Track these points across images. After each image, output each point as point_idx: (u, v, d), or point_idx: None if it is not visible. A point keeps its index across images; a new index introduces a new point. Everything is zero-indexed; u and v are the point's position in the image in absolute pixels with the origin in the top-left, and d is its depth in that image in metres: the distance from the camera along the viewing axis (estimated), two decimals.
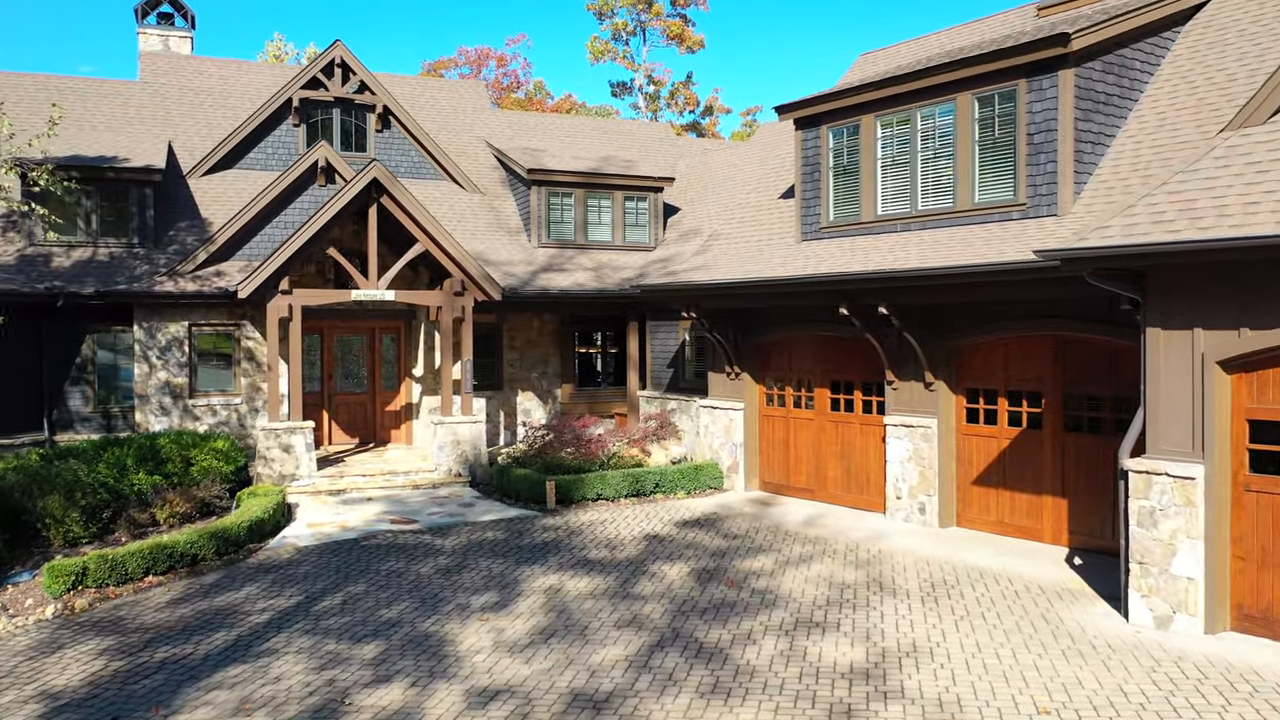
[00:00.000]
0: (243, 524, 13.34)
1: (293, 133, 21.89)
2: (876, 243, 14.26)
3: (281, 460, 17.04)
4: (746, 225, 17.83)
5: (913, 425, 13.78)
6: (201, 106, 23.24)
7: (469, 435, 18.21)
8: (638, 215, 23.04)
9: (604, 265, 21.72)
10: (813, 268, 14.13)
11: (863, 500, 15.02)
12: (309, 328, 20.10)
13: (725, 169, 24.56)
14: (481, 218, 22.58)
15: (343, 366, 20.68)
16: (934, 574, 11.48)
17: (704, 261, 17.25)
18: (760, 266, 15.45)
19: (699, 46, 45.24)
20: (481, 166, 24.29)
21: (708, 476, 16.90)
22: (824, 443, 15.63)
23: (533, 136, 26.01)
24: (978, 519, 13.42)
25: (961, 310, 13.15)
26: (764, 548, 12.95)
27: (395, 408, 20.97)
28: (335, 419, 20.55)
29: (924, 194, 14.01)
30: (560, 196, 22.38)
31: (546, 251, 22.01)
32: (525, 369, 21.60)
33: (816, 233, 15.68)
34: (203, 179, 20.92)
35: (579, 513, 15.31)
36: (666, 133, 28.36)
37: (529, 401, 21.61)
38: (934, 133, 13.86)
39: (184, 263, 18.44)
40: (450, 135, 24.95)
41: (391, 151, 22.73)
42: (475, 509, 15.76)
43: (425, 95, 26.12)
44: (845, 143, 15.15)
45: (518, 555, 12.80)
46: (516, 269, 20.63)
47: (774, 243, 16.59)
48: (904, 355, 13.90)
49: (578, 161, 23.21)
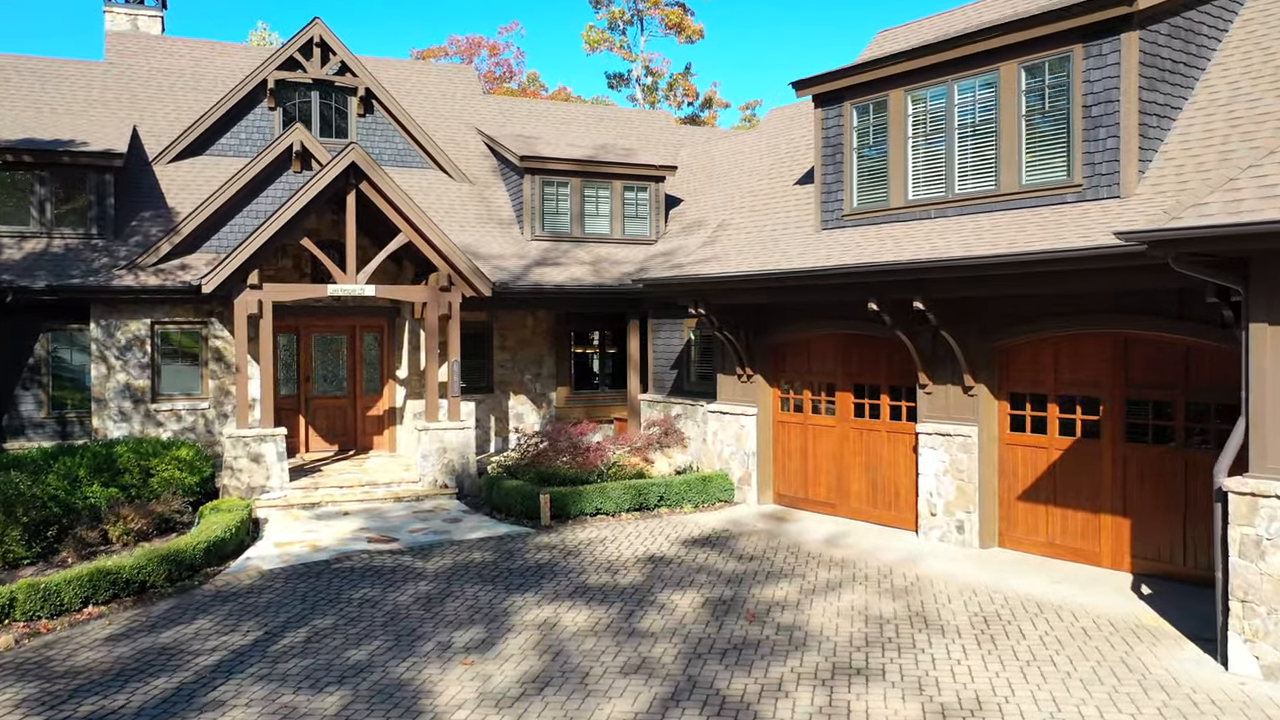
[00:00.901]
0: (199, 545, 11.87)
1: (268, 117, 20.40)
2: (908, 230, 12.82)
3: (250, 471, 15.55)
4: (758, 214, 16.38)
5: (949, 434, 12.35)
6: (171, 89, 21.72)
7: (456, 443, 16.74)
8: (638, 206, 21.58)
9: (602, 259, 20.26)
10: (836, 258, 12.69)
11: (891, 516, 13.58)
12: (284, 326, 18.62)
13: (730, 158, 23.12)
14: (471, 209, 21.11)
15: (321, 368, 19.20)
16: (984, 605, 10.04)
17: (712, 253, 15.80)
18: (776, 258, 14.01)
19: (698, 36, 43.70)
20: (471, 155, 22.81)
21: (717, 489, 15.46)
22: (846, 452, 14.19)
23: (526, 124, 24.53)
24: (1024, 539, 11.99)
25: (1007, 306, 11.72)
26: (785, 572, 11.51)
27: (378, 412, 19.50)
28: (312, 425, 19.06)
29: (962, 176, 12.57)
30: (555, 186, 20.91)
31: (540, 245, 20.54)
32: (517, 371, 20.13)
33: (839, 221, 14.24)
34: (170, 166, 19.42)
35: (576, 529, 13.86)
36: (667, 121, 26.88)
37: (522, 405, 20.14)
38: (973, 107, 12.42)
39: (145, 255, 16.94)
40: (438, 122, 23.46)
41: (375, 138, 21.25)
42: (462, 525, 14.29)
43: (412, 80, 24.60)
44: (871, 121, 13.71)
45: (508, 580, 11.35)
46: (508, 263, 19.16)
47: (790, 232, 15.15)
48: (940, 356, 12.47)
49: (574, 149, 21.75)
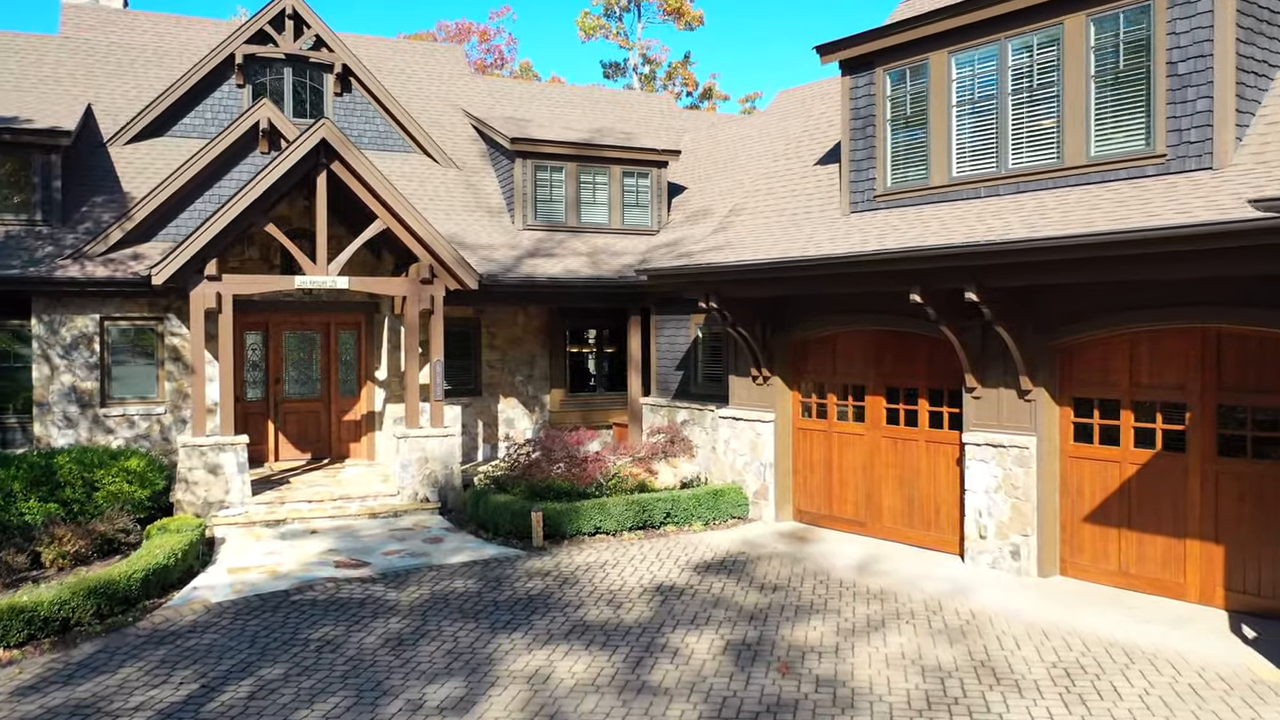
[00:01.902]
0: (135, 574, 10.20)
1: (236, 95, 18.71)
2: (953, 212, 11.20)
3: (207, 484, 13.88)
4: (775, 197, 14.75)
5: (1002, 445, 10.73)
6: (132, 65, 20.01)
7: (439, 452, 15.08)
8: (638, 194, 19.94)
9: (600, 250, 18.61)
10: (873, 243, 11.06)
11: (931, 538, 11.95)
12: (252, 323, 16.95)
13: (737, 143, 21.49)
14: (457, 196, 19.44)
15: (293, 369, 17.52)
16: (1060, 652, 8.42)
17: (724, 241, 14.17)
18: (799, 245, 12.38)
19: (698, 23, 41.99)
20: (458, 138, 21.14)
21: (729, 504, 13.82)
22: (878, 464, 12.56)
23: (518, 106, 22.87)
24: (1090, 567, 10.37)
25: (1073, 297, 10.10)
26: (815, 606, 9.89)
27: (354, 417, 17.82)
28: (283, 431, 17.38)
29: (1016, 149, 10.95)
30: (549, 171, 19.26)
31: (533, 234, 18.89)
32: (508, 372, 18.47)
33: (870, 202, 12.61)
34: (127, 148, 17.73)
35: (573, 551, 12.23)
36: (668, 105, 25.23)
37: (512, 410, 18.48)
38: (1031, 69, 10.81)
39: (94, 243, 15.24)
40: (422, 103, 21.78)
41: (353, 119, 19.58)
42: (443, 546, 12.64)
43: (394, 59, 22.91)
44: (908, 88, 12.08)
45: (494, 616, 9.71)
46: (498, 254, 17.50)
47: (813, 217, 13.51)
48: (991, 355, 10.86)
49: (569, 132, 20.09)
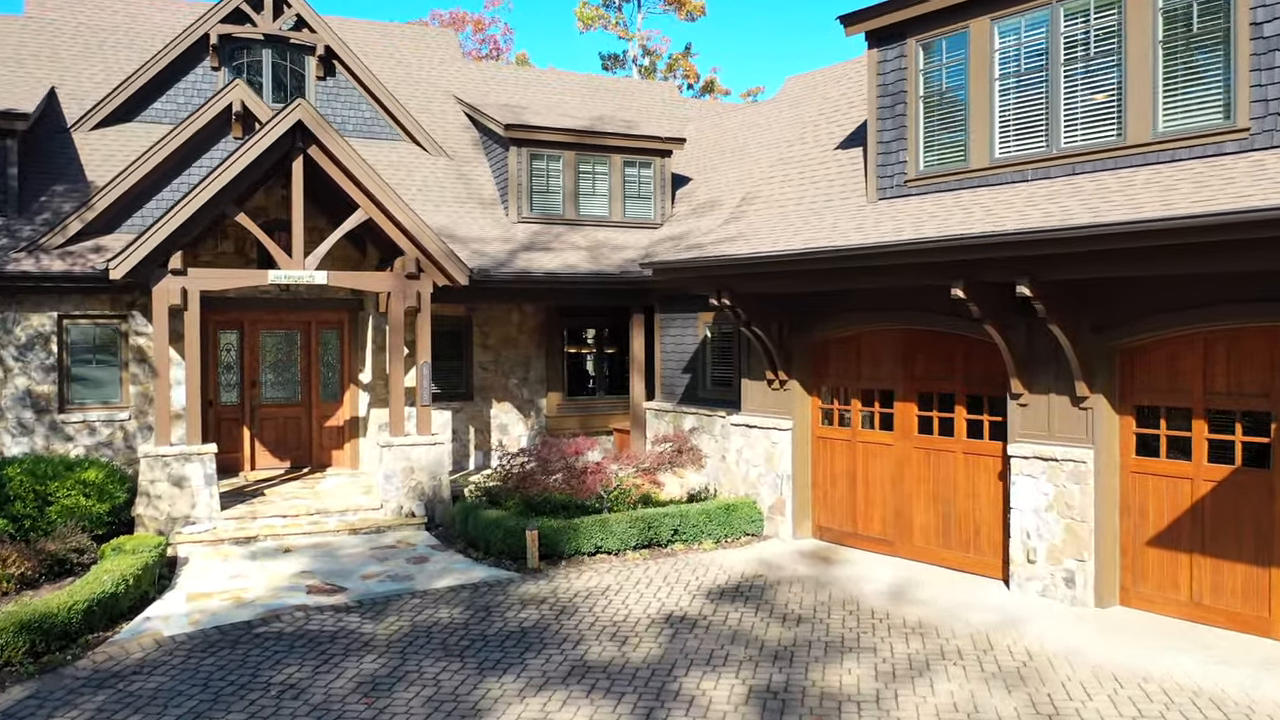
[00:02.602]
0: (78, 605, 9.01)
1: (211, 78, 17.50)
2: (996, 197, 10.02)
3: (171, 498, 12.68)
4: (792, 185, 13.56)
5: (1054, 458, 9.55)
6: (101, 47, 18.80)
7: (426, 461, 13.89)
8: (640, 184, 18.76)
9: (600, 245, 17.42)
10: (908, 232, 9.88)
11: (969, 560, 10.77)
12: (226, 321, 15.76)
13: (745, 131, 20.31)
14: (448, 186, 18.25)
15: (270, 371, 16.32)
16: (1140, 704, 7.24)
17: (737, 231, 12.98)
18: (823, 235, 11.20)
19: (700, 13, 40.75)
20: (449, 126, 19.94)
21: (742, 519, 12.64)
22: (908, 477, 11.38)
23: (513, 93, 21.68)
24: (1156, 597, 9.20)
25: (1140, 292, 8.93)
26: (847, 642, 8.71)
27: (337, 423, 16.63)
28: (260, 438, 16.18)
29: (1070, 126, 9.78)
30: (545, 161, 18.06)
31: (528, 228, 17.70)
32: (501, 374, 17.27)
33: (900, 188, 11.43)
34: (93, 134, 16.51)
35: (571, 575, 11.04)
36: (671, 93, 24.04)
37: (506, 415, 17.29)
38: (1086, 36, 9.63)
39: (51, 235, 14.04)
40: (411, 89, 20.58)
41: (337, 104, 18.38)
42: (429, 567, 11.45)
43: (382, 42, 21.71)
44: (944, 60, 10.90)
45: (482, 655, 8.53)
46: (490, 247, 16.31)
47: (834, 204, 12.33)
48: (1039, 357, 9.68)
49: (567, 119, 18.90)
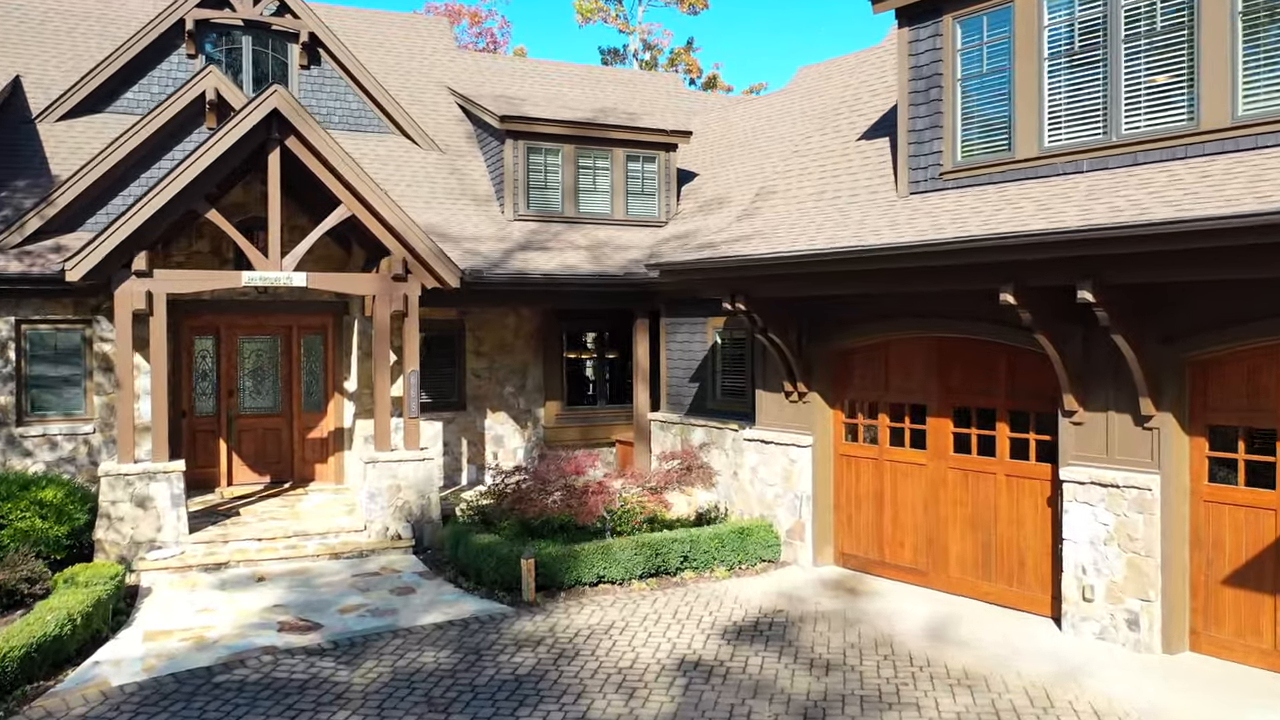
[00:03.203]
0: (13, 652, 7.95)
1: (187, 66, 16.42)
2: (1047, 190, 8.95)
3: (135, 520, 11.61)
4: (811, 178, 12.47)
5: (1114, 484, 8.48)
6: (71, 34, 17.71)
7: (414, 478, 12.82)
8: (644, 180, 17.68)
9: (601, 244, 16.35)
10: (949, 229, 8.81)
11: (1013, 595, 9.70)
12: (201, 326, 14.69)
13: (754, 124, 19.24)
14: (439, 181, 17.17)
15: (249, 378, 15.24)
16: None
17: (752, 229, 11.91)
18: (849, 233, 10.13)
19: (703, 6, 39.66)
20: (442, 118, 18.86)
21: (758, 544, 11.58)
22: (943, 500, 10.31)
23: (509, 84, 20.59)
24: (1234, 644, 8.13)
25: (1214, 297, 7.86)
26: (885, 696, 7.65)
27: (321, 434, 15.55)
28: (238, 450, 15.10)
29: (1132, 110, 8.70)
30: (544, 155, 16.99)
31: (525, 226, 16.62)
32: (496, 382, 16.19)
33: (935, 181, 10.35)
34: (59, 125, 15.43)
35: (572, 609, 9.98)
36: (675, 84, 22.95)
37: (501, 425, 16.20)
38: (1152, 8, 8.56)
39: (8, 233, 12.96)
40: (402, 79, 19.49)
41: (322, 95, 17.31)
42: (415, 600, 10.39)
43: (371, 30, 20.62)
44: (985, 38, 9.83)
45: (471, 709, 7.47)
46: (484, 246, 15.24)
47: (860, 199, 11.24)
48: (1097, 370, 8.61)
49: (566, 110, 17.83)
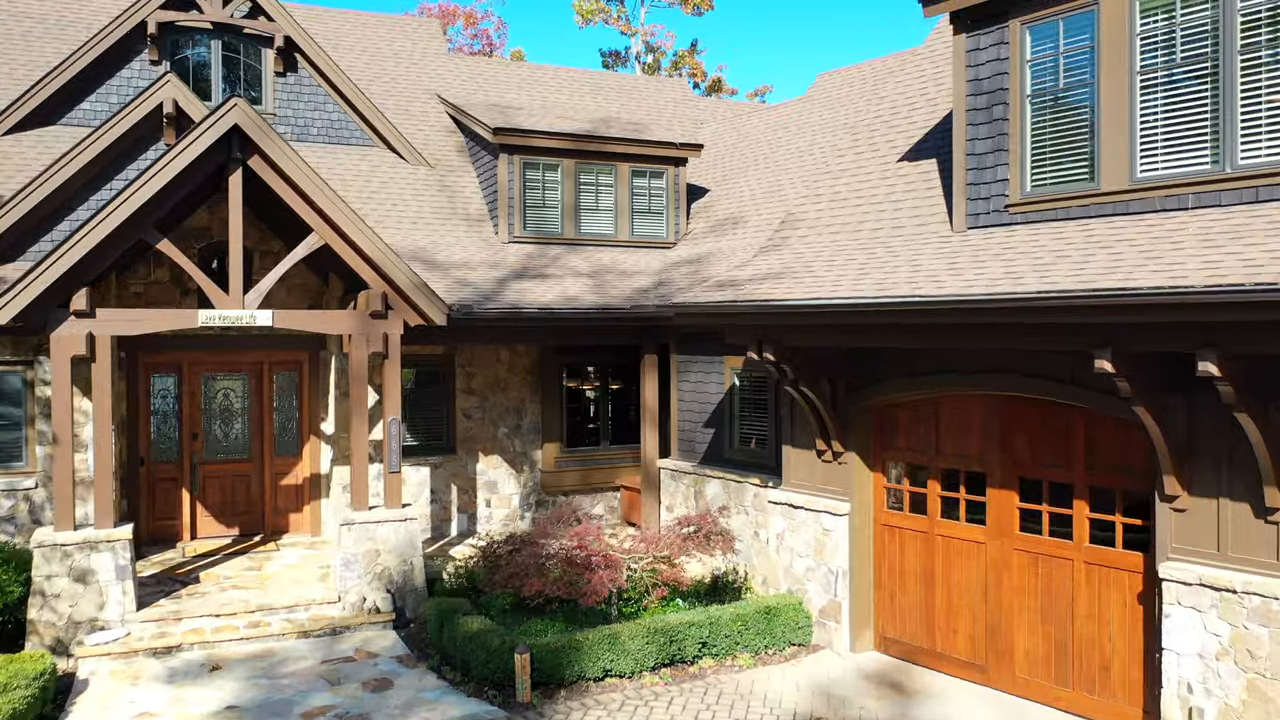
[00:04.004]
0: None
1: (150, 74, 14.94)
2: (1143, 229, 7.48)
3: (74, 597, 10.13)
4: (845, 206, 10.98)
5: (1231, 589, 7.01)
6: (24, 38, 16.21)
7: (395, 541, 11.35)
8: (651, 197, 16.22)
9: (605, 269, 14.89)
10: (1029, 278, 7.32)
11: (1095, 705, 8.21)
12: (161, 364, 13.23)
13: (771, 135, 17.77)
14: (427, 200, 15.70)
15: (215, 421, 13.76)
16: None
17: (780, 265, 10.43)
18: (898, 276, 8.65)
19: (708, 7, 38.13)
20: (431, 129, 17.38)
21: (786, 625, 10.10)
22: (1006, 586, 8.84)
23: (504, 91, 19.11)
24: None
25: None
26: None
27: (295, 481, 14.07)
28: (202, 501, 13.62)
29: (1251, 134, 7.23)
30: (541, 170, 15.52)
31: (521, 249, 15.15)
32: (489, 422, 14.71)
33: (999, 214, 8.85)
34: (6, 139, 13.94)
35: (574, 711, 8.50)
36: (683, 90, 21.45)
37: (495, 470, 14.72)
38: (1276, 11, 7.10)
39: None
40: (387, 86, 18.01)
41: (299, 105, 15.83)
42: (392, 699, 8.90)
43: (354, 33, 19.13)
44: (1062, 47, 8.34)
45: None
46: (475, 275, 13.77)
47: (906, 233, 9.76)
48: (1207, 448, 7.14)
49: (566, 121, 16.36)
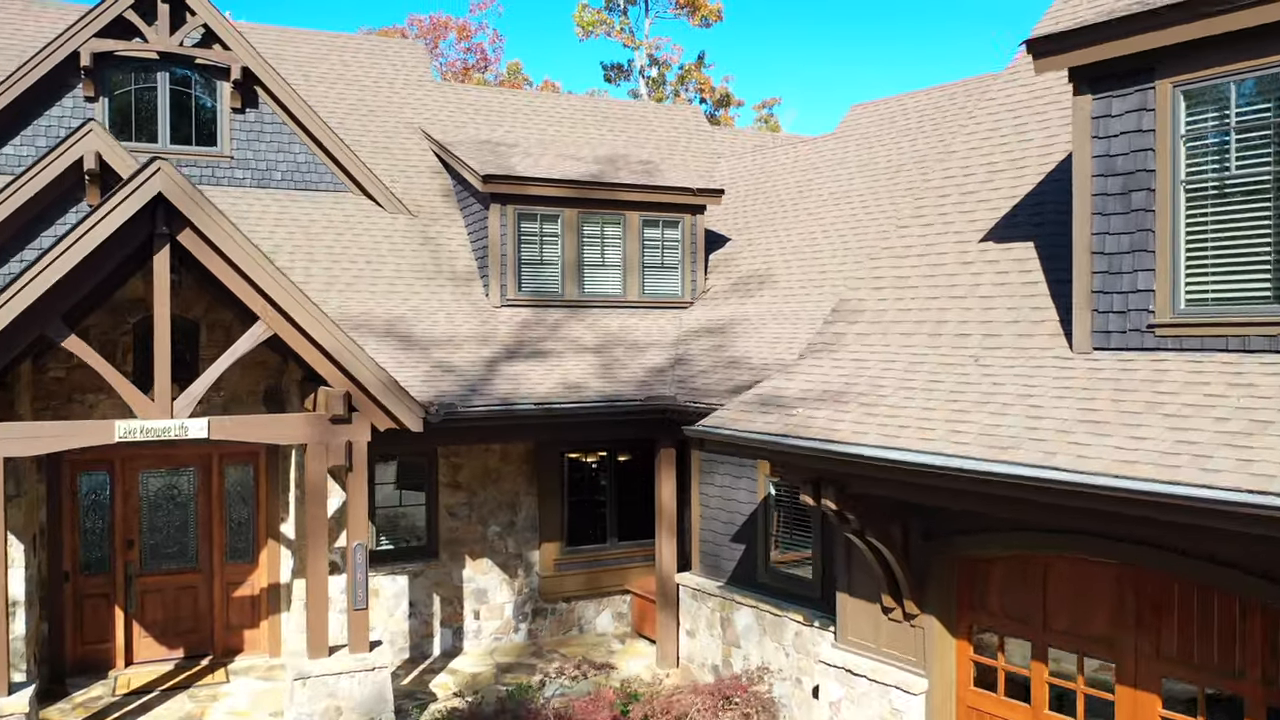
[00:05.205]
0: None
1: (86, 111, 12.86)
2: None
3: None
4: (917, 296, 8.83)
5: None
6: None
7: (360, 697, 9.28)
8: (665, 250, 14.17)
9: (612, 340, 12.83)
10: (1222, 460, 5.24)
11: None
12: (90, 459, 11.17)
13: (800, 176, 15.71)
14: (408, 255, 13.63)
15: (154, 525, 11.68)
16: None
17: (839, 380, 8.32)
18: (1005, 420, 6.57)
19: (716, 18, 35.98)
20: (414, 169, 15.30)
21: None
22: None
23: (497, 124, 17.02)
24: None
25: None
26: None
27: (250, 591, 12.00)
28: (140, 619, 11.54)
29: None
30: (540, 222, 13.46)
31: (516, 314, 13.09)
32: (478, 520, 12.61)
33: (1141, 334, 6.72)
34: None
35: None
36: (696, 119, 19.34)
37: (484, 576, 12.62)
38: None
39: None
40: (365, 119, 15.91)
41: (260, 146, 13.74)
42: None
43: (328, 58, 16.98)
44: (1235, 119, 6.24)
45: None
46: (461, 355, 11.70)
47: (1006, 347, 7.62)
48: None
49: (567, 163, 14.29)
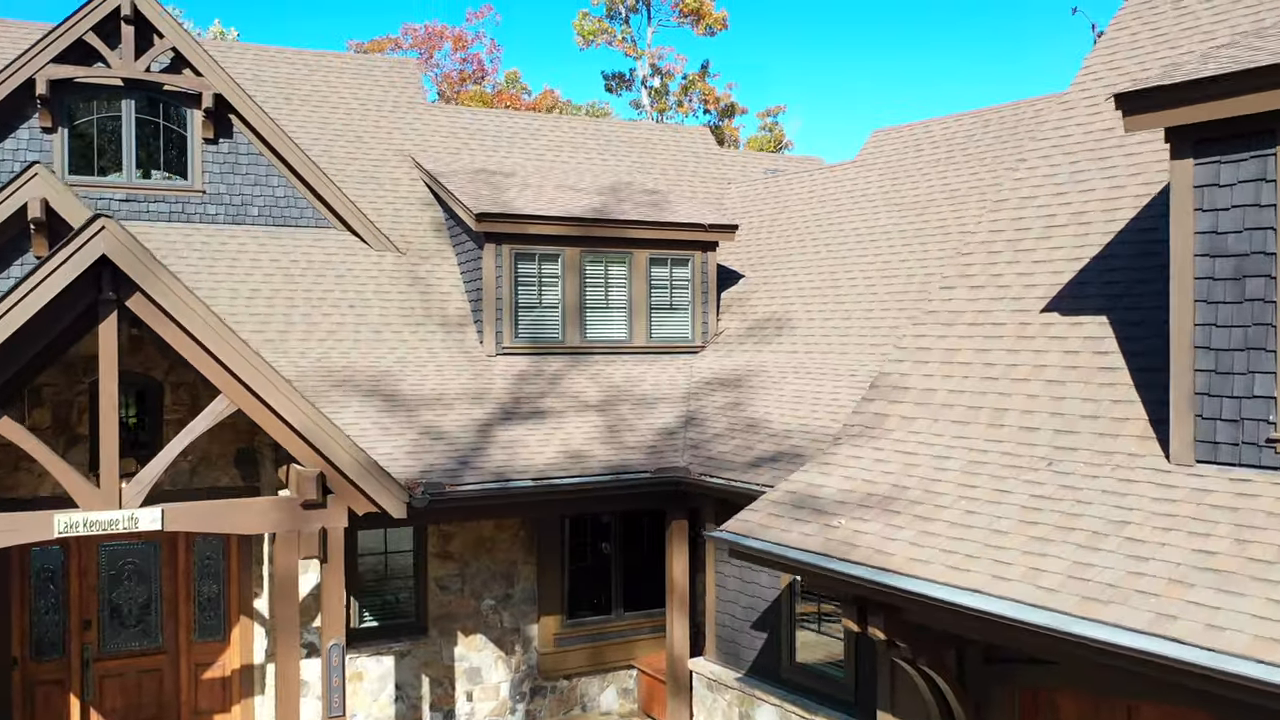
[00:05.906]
0: None
1: (42, 145, 11.80)
2: None
3: None
4: (971, 370, 7.73)
5: None
6: None
7: None
8: (674, 291, 13.10)
9: (618, 395, 11.75)
10: None
11: None
12: None
13: (819, 208, 14.63)
14: (395, 298, 12.55)
15: (114, 604, 10.60)
16: None
17: (885, 480, 7.23)
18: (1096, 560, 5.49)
19: (720, 27, 34.88)
20: (403, 201, 14.21)
21: None
22: None
23: (493, 149, 15.91)
24: None
25: None
26: None
27: (221, 673, 10.91)
28: (98, 707, 10.45)
29: None
30: (538, 262, 12.40)
31: (513, 364, 12.01)
32: (470, 594, 11.51)
33: (1257, 449, 5.57)
34: None
35: None
36: (705, 141, 18.23)
37: (477, 653, 11.53)
38: None
39: None
40: (352, 146, 14.81)
41: (235, 179, 12.67)
42: None
43: (311, 79, 15.86)
44: None
45: None
46: (451, 418, 10.61)
47: (1082, 449, 6.50)
48: None
49: (567, 195, 13.22)
